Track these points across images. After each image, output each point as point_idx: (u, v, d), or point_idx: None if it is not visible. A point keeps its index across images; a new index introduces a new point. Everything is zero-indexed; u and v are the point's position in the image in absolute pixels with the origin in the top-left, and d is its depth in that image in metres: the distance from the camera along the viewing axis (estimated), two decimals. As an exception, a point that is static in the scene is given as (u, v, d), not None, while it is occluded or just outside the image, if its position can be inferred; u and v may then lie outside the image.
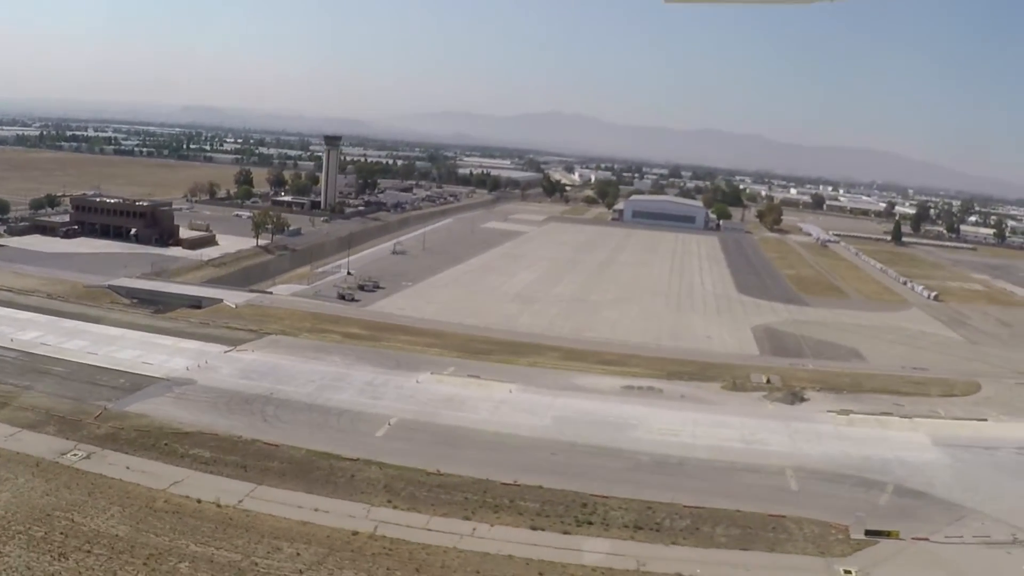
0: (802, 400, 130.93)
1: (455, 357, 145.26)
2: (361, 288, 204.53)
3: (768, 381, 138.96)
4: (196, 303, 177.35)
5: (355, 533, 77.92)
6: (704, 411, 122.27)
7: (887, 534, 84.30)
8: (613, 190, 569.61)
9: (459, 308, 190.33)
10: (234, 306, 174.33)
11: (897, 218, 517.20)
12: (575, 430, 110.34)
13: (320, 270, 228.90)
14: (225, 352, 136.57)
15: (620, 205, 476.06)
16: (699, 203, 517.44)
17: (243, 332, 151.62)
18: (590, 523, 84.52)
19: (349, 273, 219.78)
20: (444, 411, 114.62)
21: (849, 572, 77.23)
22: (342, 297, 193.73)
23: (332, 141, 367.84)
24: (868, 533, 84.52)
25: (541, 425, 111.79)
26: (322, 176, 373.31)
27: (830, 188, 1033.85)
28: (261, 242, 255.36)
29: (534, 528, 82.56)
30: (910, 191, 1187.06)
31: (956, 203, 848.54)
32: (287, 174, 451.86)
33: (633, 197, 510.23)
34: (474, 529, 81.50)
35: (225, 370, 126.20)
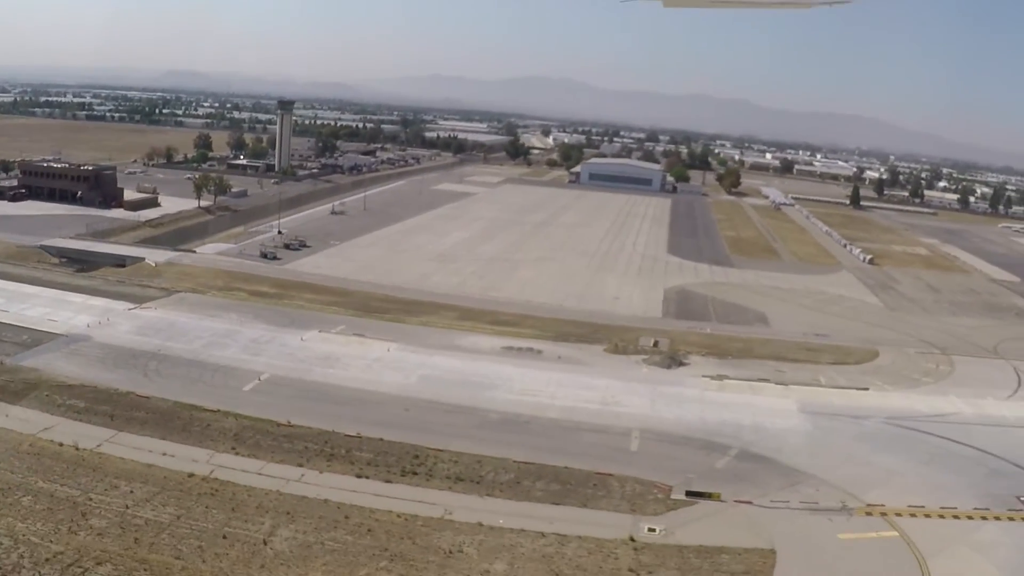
0: (680, 364, 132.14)
1: (350, 316, 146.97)
2: (287, 247, 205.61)
3: (655, 344, 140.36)
4: (121, 262, 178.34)
5: (191, 475, 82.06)
6: (573, 373, 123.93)
7: (708, 496, 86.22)
8: (577, 153, 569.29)
9: (376, 267, 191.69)
10: (154, 264, 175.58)
11: (856, 183, 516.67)
12: (437, 388, 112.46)
13: (254, 230, 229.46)
14: (129, 309, 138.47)
15: (578, 168, 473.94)
16: (657, 166, 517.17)
17: (154, 290, 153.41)
18: (415, 473, 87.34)
19: (280, 233, 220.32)
20: (316, 368, 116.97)
21: (653, 530, 79.12)
22: (264, 256, 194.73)
23: (286, 105, 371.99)
24: (689, 494, 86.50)
25: (406, 383, 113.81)
26: (276, 140, 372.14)
27: (807, 153, 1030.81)
28: (203, 203, 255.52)
29: (359, 476, 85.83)
30: (891, 157, 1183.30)
31: (927, 169, 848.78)
32: (248, 138, 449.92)
33: (591, 160, 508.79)
34: (302, 475, 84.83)
35: (123, 327, 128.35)
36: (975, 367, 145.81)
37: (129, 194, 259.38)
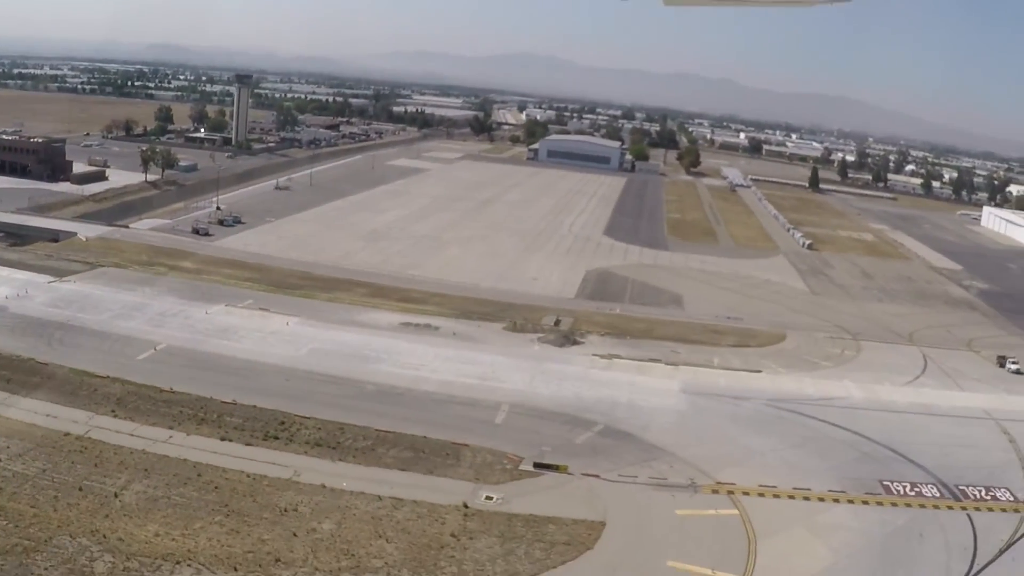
0: (574, 343, 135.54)
1: (261, 291, 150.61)
2: (220, 223, 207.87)
3: (556, 323, 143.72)
4: (55, 236, 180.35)
5: (66, 434, 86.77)
6: (462, 349, 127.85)
7: (555, 468, 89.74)
8: (541, 130, 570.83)
9: (305, 244, 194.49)
10: (85, 239, 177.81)
11: (816, 165, 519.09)
12: (323, 360, 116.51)
13: (195, 205, 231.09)
14: (49, 283, 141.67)
15: (536, 145, 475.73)
16: (616, 144, 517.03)
17: (79, 264, 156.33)
18: (276, 438, 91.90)
19: (218, 208, 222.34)
20: (212, 340, 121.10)
21: (491, 498, 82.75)
22: (196, 232, 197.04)
23: (243, 79, 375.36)
24: (536, 466, 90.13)
25: (295, 355, 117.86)
26: (233, 113, 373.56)
27: (782, 134, 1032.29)
28: (150, 177, 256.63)
29: (223, 439, 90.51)
30: (870, 139, 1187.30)
31: (896, 152, 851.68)
32: (211, 111, 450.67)
33: (550, 137, 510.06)
34: (170, 437, 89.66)
35: (39, 299, 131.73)
36: (882, 353, 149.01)
37: (80, 167, 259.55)
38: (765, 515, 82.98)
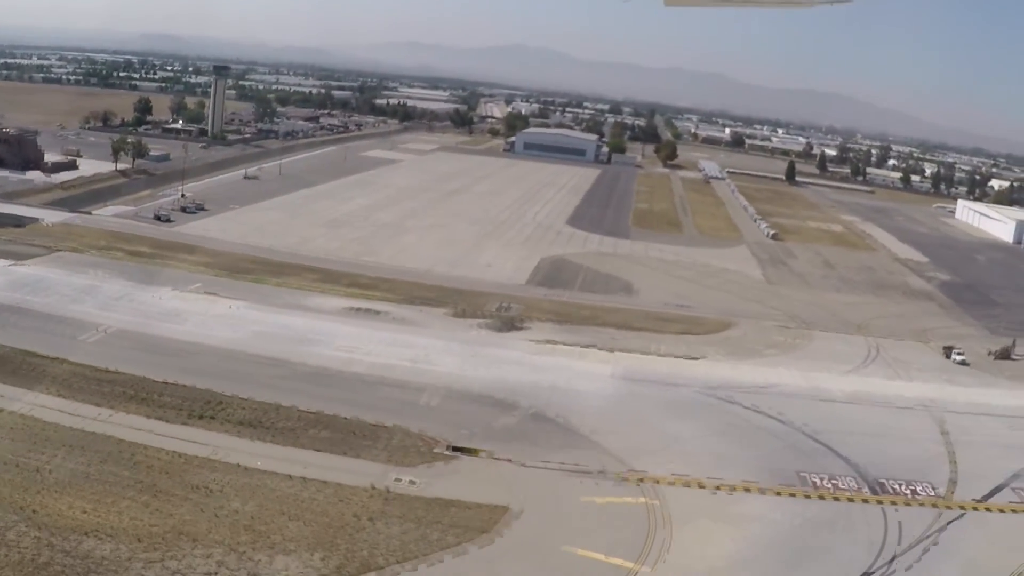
0: (515, 329, 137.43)
1: (213, 276, 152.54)
2: (183, 211, 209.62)
3: (500, 309, 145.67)
4: (19, 223, 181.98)
5: (2, 410, 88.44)
6: (401, 333, 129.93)
7: (471, 452, 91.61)
8: (521, 123, 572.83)
9: (263, 231, 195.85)
10: (48, 225, 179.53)
11: (794, 159, 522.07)
12: (263, 343, 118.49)
13: (162, 194, 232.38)
14: (8, 266, 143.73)
15: (513, 137, 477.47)
16: (593, 136, 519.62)
17: (39, 249, 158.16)
18: (202, 417, 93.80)
19: (182, 196, 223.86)
20: (158, 323, 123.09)
21: (400, 480, 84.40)
22: (158, 219, 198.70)
23: (220, 71, 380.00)
24: (453, 449, 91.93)
25: (236, 338, 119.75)
26: (209, 104, 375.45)
27: (768, 129, 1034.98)
28: (121, 167, 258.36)
29: (153, 417, 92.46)
30: (858, 135, 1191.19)
31: (879, 147, 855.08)
32: (191, 102, 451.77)
33: (527, 130, 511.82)
34: (99, 414, 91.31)
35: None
36: (830, 342, 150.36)
37: (53, 156, 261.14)
38: (673, 503, 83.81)
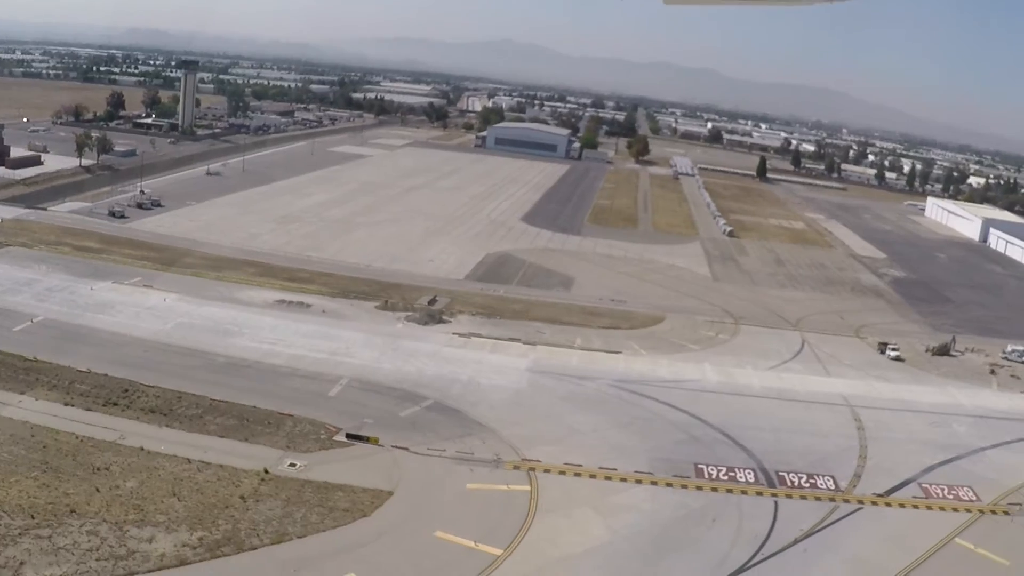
0: (440, 322, 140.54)
1: (154, 269, 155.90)
2: (139, 206, 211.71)
3: (431, 303, 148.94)
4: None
5: None
6: (324, 326, 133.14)
7: (367, 439, 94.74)
8: (496, 118, 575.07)
9: (215, 227, 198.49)
10: (1, 221, 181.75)
11: (762, 155, 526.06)
12: (186, 334, 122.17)
13: (122, 189, 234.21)
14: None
15: (484, 132, 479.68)
16: (564, 131, 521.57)
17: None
18: (116, 404, 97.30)
19: (141, 192, 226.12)
20: (88, 314, 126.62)
21: (294, 465, 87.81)
22: (112, 214, 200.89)
23: (189, 66, 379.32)
24: (349, 437, 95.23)
25: (161, 329, 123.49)
26: (180, 99, 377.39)
27: (751, 123, 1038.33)
28: (85, 162, 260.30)
29: (66, 404, 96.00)
30: (844, 130, 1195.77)
31: (860, 143, 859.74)
32: (165, 96, 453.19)
33: (498, 124, 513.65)
34: (19, 400, 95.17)
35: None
36: (760, 338, 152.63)
37: (19, 152, 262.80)
38: (557, 493, 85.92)
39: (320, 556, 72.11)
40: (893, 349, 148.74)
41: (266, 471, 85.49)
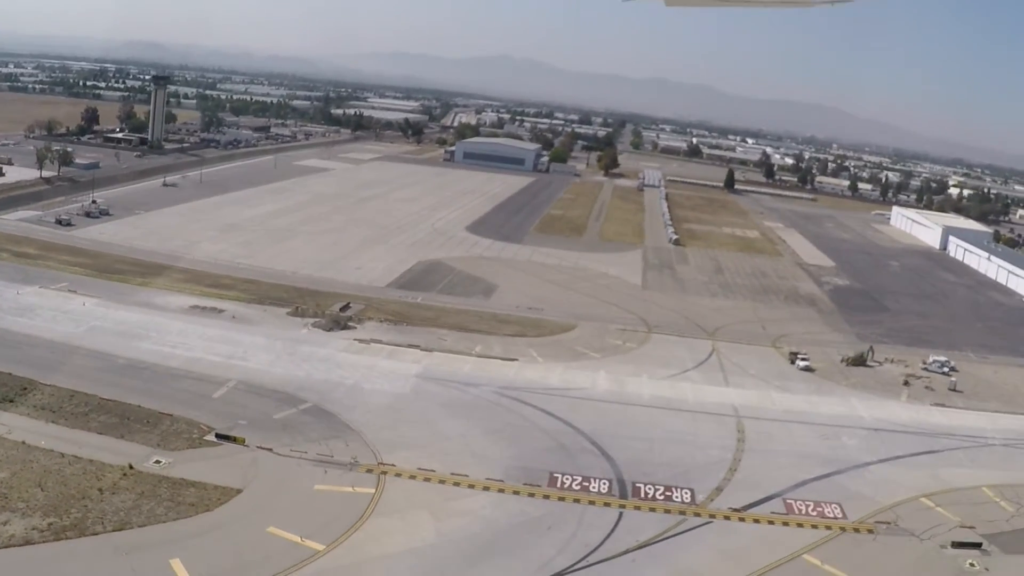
0: (345, 328, 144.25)
1: (83, 275, 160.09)
2: (87, 215, 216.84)
3: (343, 309, 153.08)
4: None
5: None
6: (230, 330, 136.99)
7: (234, 440, 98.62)
8: (471, 133, 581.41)
9: (157, 234, 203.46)
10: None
11: (730, 167, 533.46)
12: (95, 337, 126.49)
13: (76, 200, 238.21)
14: None
15: (453, 147, 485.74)
16: (533, 146, 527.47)
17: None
18: (11, 401, 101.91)
19: (93, 202, 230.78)
20: (9, 317, 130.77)
21: (159, 462, 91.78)
22: (59, 222, 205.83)
23: (159, 81, 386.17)
24: (218, 436, 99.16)
25: (74, 332, 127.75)
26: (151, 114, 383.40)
27: (739, 139, 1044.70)
28: (46, 174, 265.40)
29: None
30: (834, 145, 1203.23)
31: (835, 156, 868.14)
32: (141, 111, 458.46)
33: (468, 139, 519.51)
34: None
35: None
36: (667, 346, 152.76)
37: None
38: (399, 496, 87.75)
39: (153, 544, 76.06)
40: (803, 359, 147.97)
41: (131, 467, 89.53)
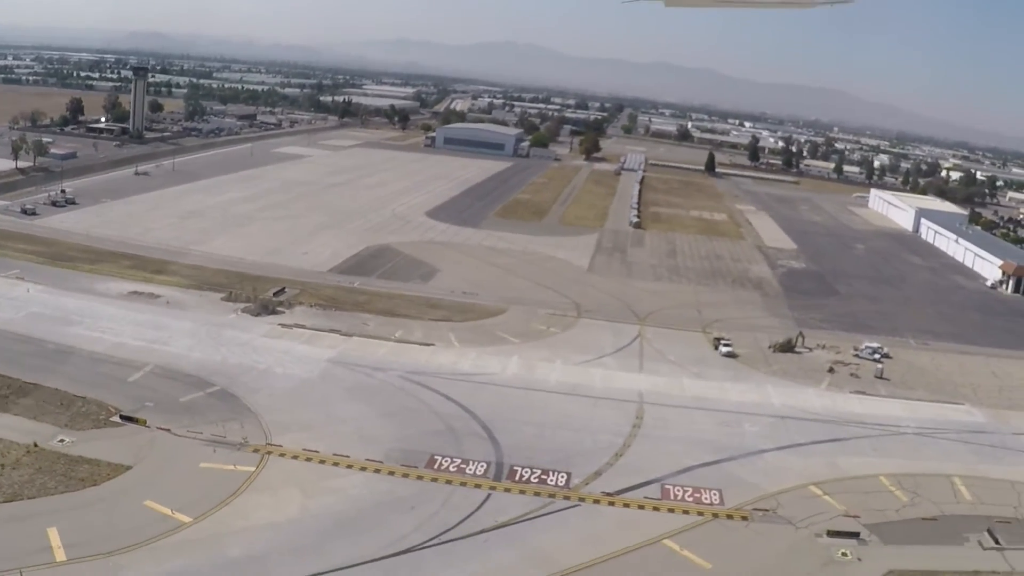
0: (273, 313, 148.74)
1: (35, 263, 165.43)
2: (53, 204, 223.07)
3: (276, 294, 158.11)
4: None
5: None
6: (161, 316, 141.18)
7: (136, 421, 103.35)
8: (456, 119, 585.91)
9: (117, 222, 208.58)
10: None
11: (711, 150, 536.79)
12: (31, 322, 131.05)
13: (46, 190, 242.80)
14: None
15: (434, 132, 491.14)
16: (513, 131, 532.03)
17: None
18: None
19: (62, 191, 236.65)
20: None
21: (63, 440, 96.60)
22: (24, 211, 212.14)
23: (139, 72, 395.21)
24: (122, 417, 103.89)
25: (12, 318, 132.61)
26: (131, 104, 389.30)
27: (736, 123, 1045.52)
28: (22, 164, 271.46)
29: None
30: (835, 128, 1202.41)
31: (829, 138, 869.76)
32: (124, 100, 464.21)
33: (448, 124, 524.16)
34: None
35: None
36: (592, 331, 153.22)
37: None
38: (277, 475, 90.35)
39: (36, 514, 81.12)
40: (726, 345, 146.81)
41: (35, 444, 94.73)
